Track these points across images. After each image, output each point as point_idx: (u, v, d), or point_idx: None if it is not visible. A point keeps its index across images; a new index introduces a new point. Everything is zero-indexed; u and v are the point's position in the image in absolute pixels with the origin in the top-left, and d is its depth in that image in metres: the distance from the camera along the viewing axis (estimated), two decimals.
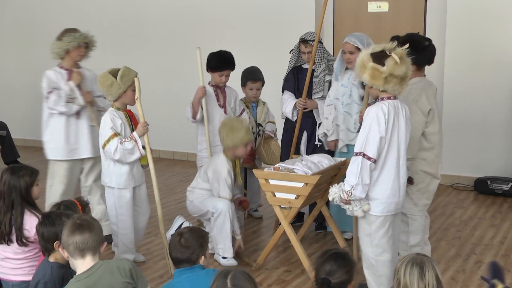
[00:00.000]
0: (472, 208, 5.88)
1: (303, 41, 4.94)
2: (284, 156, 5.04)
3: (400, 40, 3.81)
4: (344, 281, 2.55)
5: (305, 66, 5.09)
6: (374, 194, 3.42)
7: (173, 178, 7.01)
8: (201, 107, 4.82)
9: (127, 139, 4.01)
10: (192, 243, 2.88)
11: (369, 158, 3.32)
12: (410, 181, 3.95)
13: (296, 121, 5.01)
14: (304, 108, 4.93)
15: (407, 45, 3.38)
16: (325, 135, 4.85)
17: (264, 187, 4.20)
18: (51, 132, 4.70)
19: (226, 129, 4.48)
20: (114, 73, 4.03)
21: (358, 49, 4.43)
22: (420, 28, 6.72)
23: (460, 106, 6.54)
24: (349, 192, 3.38)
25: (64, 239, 2.67)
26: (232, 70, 4.99)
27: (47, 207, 4.54)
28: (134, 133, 4.05)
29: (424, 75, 4.10)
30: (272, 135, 5.36)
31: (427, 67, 4.17)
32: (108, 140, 4.02)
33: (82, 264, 2.66)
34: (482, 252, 4.68)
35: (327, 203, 4.47)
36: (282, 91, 5.18)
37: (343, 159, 4.49)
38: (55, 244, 2.94)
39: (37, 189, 3.39)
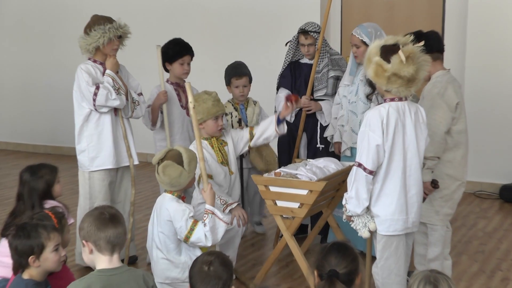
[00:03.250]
0: (497, 219, 5.88)
1: (303, 32, 4.93)
2: (282, 162, 5.02)
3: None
4: (351, 271, 2.58)
5: (304, 60, 5.09)
6: (377, 210, 3.41)
7: None
8: (161, 112, 4.77)
9: (204, 216, 3.75)
10: (222, 273, 2.70)
11: (364, 169, 3.32)
12: (435, 184, 3.94)
13: (293, 122, 5.02)
14: (308, 110, 4.95)
15: (422, 43, 3.35)
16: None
17: (264, 195, 4.17)
18: (89, 138, 4.47)
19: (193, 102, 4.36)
20: (175, 158, 3.75)
21: (365, 44, 4.47)
22: (438, 18, 6.73)
23: (483, 105, 6.54)
24: (345, 207, 3.41)
25: (93, 233, 2.76)
26: (192, 57, 4.89)
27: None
28: (208, 206, 3.76)
29: (449, 69, 4.11)
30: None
31: (446, 62, 4.18)
32: (191, 231, 3.73)
33: (108, 261, 2.77)
34: (509, 268, 4.68)
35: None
36: (277, 89, 5.16)
37: (351, 163, 4.44)
38: (30, 259, 2.93)
39: (59, 186, 3.63)
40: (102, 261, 2.79)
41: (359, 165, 3.34)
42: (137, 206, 5.66)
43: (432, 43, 3.90)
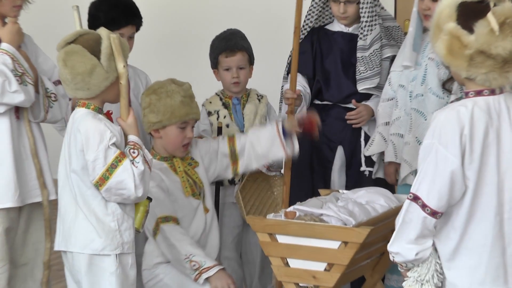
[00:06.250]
0: None
1: None
2: (298, 195, 4.47)
3: None
4: None
5: (336, 27, 4.55)
6: (453, 276, 3.09)
7: None
8: None
9: (132, 151, 3.39)
10: None
11: (423, 206, 2.98)
12: None
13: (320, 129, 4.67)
14: (357, 122, 4.53)
15: None
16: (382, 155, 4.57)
17: (267, 249, 3.70)
18: None
19: (149, 93, 3.96)
20: (88, 44, 3.36)
21: None
22: None
23: None
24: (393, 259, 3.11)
25: None
26: (139, 26, 4.49)
27: None
28: (133, 137, 3.45)
29: None
30: (264, 169, 4.72)
31: None
32: (112, 169, 3.33)
33: None
34: None
35: (383, 278, 4.28)
36: (288, 73, 4.57)
37: None
38: None
39: None
40: None
41: (415, 198, 2.96)
42: (56, 269, 4.96)
43: None
